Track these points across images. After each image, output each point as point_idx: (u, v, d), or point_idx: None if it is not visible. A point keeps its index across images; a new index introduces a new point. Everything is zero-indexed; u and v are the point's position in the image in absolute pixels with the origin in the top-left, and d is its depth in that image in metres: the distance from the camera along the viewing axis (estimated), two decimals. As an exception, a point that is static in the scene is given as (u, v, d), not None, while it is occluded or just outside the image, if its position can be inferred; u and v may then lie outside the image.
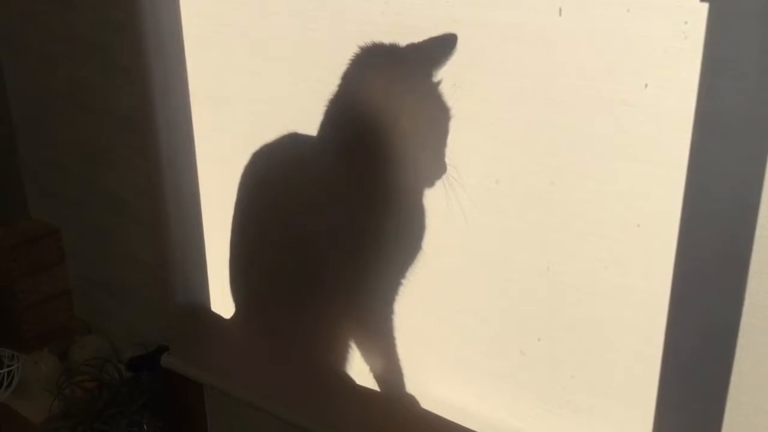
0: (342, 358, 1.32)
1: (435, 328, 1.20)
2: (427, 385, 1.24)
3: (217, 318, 1.51)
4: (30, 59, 1.86)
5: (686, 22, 0.85)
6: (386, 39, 1.09)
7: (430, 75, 1.07)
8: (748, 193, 0.85)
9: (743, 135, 0.84)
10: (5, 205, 2.03)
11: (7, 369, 1.68)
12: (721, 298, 0.90)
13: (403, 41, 1.07)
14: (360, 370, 1.30)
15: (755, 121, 0.83)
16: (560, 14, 0.94)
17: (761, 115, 0.82)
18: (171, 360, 1.63)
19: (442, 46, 1.03)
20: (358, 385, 1.30)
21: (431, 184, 1.12)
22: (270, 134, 1.28)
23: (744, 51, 0.82)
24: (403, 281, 1.20)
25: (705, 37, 0.84)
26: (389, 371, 1.26)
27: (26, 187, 2.03)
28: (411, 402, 1.25)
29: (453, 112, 1.07)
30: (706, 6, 0.83)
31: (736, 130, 0.84)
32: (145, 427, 1.70)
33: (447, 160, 1.10)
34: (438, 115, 1.08)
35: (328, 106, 1.18)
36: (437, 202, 1.12)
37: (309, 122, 1.20)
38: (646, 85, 0.90)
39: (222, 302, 1.48)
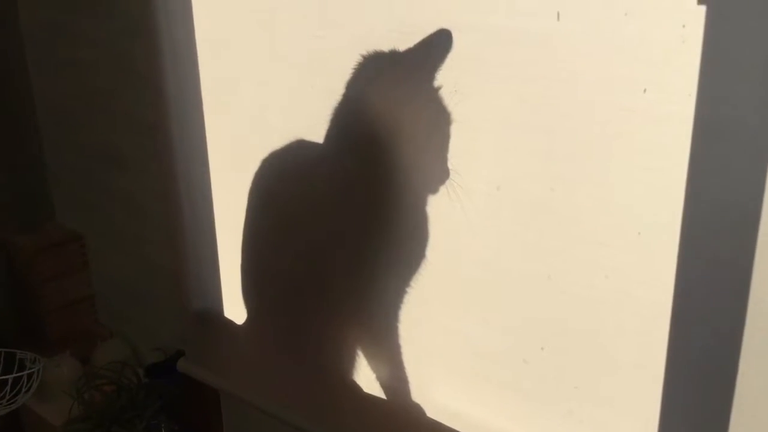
0: (350, 365, 1.32)
1: (439, 336, 1.19)
2: (433, 394, 1.23)
3: (230, 324, 1.52)
4: (54, 67, 1.91)
5: (684, 26, 0.83)
6: (389, 45, 1.09)
7: (431, 79, 1.06)
8: (750, 199, 0.83)
9: (744, 139, 0.82)
10: (33, 211, 2.07)
11: (29, 371, 1.71)
12: (724, 306, 0.88)
13: (404, 47, 1.07)
14: (367, 378, 1.30)
15: (756, 125, 0.81)
16: (558, 19, 0.92)
17: (762, 119, 0.80)
18: (187, 365, 1.65)
19: (438, 46, 1.03)
20: (366, 393, 1.30)
21: (435, 190, 1.12)
22: (279, 141, 1.29)
23: (744, 53, 0.80)
24: (408, 289, 1.20)
25: (703, 40, 0.82)
26: (395, 379, 1.26)
27: (52, 193, 2.07)
28: (417, 410, 1.24)
29: (454, 116, 1.06)
30: (703, 8, 0.81)
31: (736, 135, 0.82)
32: (163, 430, 1.72)
33: (449, 165, 1.09)
34: (440, 120, 1.08)
35: (333, 114, 1.18)
36: (440, 209, 1.12)
37: (318, 129, 1.21)
38: (644, 90, 0.88)
39: (234, 308, 1.49)
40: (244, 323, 1.47)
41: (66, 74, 1.87)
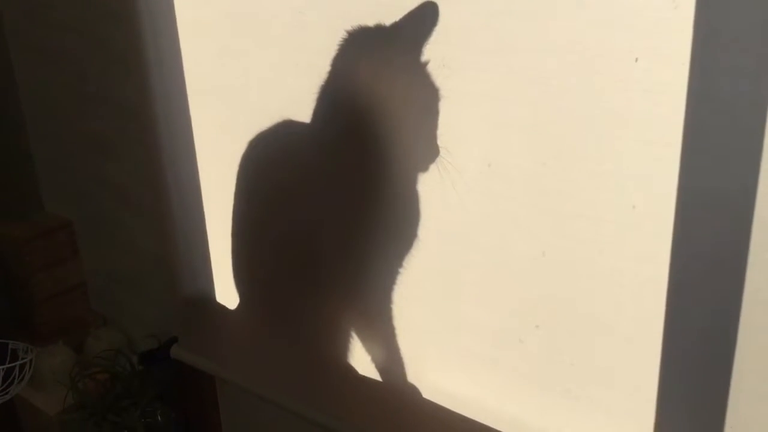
0: (344, 347, 1.30)
1: (434, 317, 1.17)
2: (428, 375, 1.21)
3: (223, 309, 1.50)
4: (38, 55, 1.87)
5: (676, -9, 0.81)
6: (374, 20, 1.06)
7: (418, 53, 1.03)
8: (746, 170, 0.81)
9: (739, 108, 0.79)
10: (20, 200, 2.05)
11: (21, 362, 1.69)
12: (720, 280, 0.86)
13: (389, 21, 1.04)
14: (363, 360, 1.28)
15: (752, 93, 0.78)
16: (547, -13, 0.90)
17: (758, 87, 0.78)
18: (180, 351, 1.63)
19: (424, 19, 1.00)
20: (361, 375, 1.29)
21: (425, 168, 1.09)
22: (266, 122, 1.26)
23: (738, 19, 0.77)
24: (401, 270, 1.17)
25: (696, 5, 0.79)
26: (390, 361, 1.24)
27: (40, 181, 2.04)
28: (413, 392, 1.23)
29: (442, 92, 1.04)
30: (696, -28, 0.78)
31: (731, 104, 0.80)
32: (159, 417, 1.71)
33: (439, 142, 1.07)
34: (428, 96, 1.05)
35: (319, 93, 1.15)
36: (431, 188, 1.09)
37: (304, 108, 1.18)
38: (636, 59, 0.86)
39: (227, 293, 1.47)
40: (237, 308, 1.45)
41: (49, 62, 1.84)
